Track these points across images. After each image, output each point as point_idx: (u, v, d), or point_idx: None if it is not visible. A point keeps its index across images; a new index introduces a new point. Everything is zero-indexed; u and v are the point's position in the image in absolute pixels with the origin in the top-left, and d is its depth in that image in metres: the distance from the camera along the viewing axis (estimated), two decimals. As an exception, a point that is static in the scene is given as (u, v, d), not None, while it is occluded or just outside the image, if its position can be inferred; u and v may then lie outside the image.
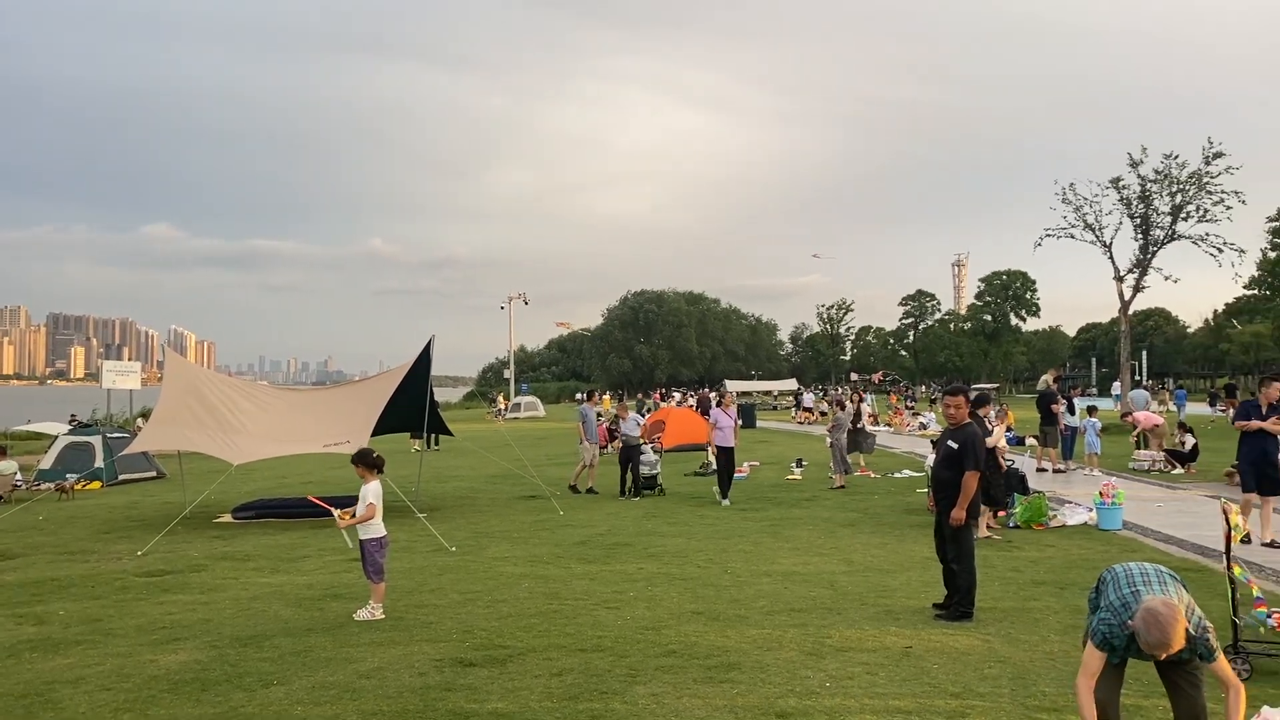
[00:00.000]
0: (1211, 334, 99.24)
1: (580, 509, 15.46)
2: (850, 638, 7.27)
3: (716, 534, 12.57)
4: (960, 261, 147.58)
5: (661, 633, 7.51)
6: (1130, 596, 4.13)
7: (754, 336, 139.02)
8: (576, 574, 10.04)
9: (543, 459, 26.03)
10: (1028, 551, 10.96)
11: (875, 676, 6.28)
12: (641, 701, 5.86)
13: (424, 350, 15.27)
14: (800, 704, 5.75)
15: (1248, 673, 6.11)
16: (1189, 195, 32.66)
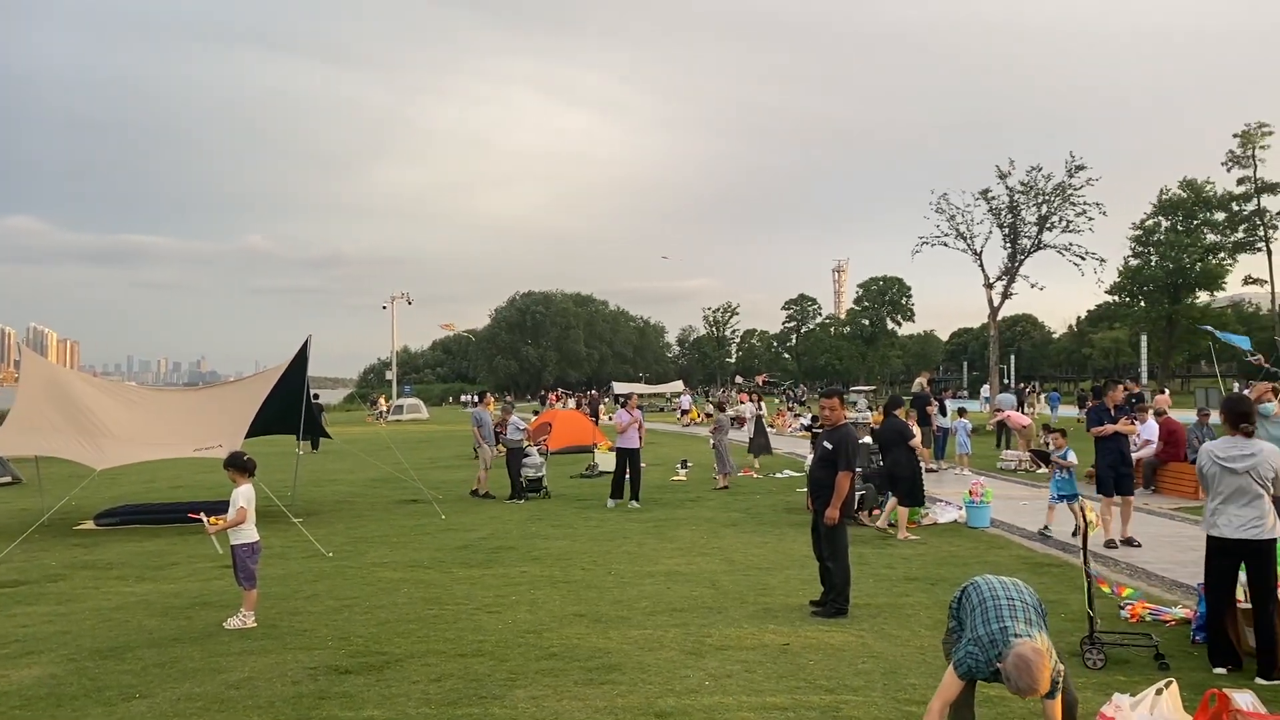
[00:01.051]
0: (1075, 339, 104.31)
1: (463, 513, 15.28)
2: (730, 636, 7.37)
3: (601, 536, 12.59)
4: (841, 267, 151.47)
5: (543, 636, 7.47)
6: (999, 634, 4.21)
7: (642, 339, 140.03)
8: (458, 578, 9.92)
9: (425, 462, 25.65)
10: (901, 549, 11.30)
11: (753, 674, 6.38)
12: (521, 705, 5.82)
13: (300, 350, 14.86)
14: (679, 703, 5.80)
15: (1102, 662, 6.42)
16: (1054, 206, 34.27)
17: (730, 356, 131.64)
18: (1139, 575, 9.60)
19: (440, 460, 26.85)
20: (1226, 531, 6.39)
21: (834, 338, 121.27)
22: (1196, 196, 50.30)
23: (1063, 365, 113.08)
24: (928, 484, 17.86)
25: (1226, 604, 6.48)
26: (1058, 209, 34.25)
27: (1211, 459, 6.55)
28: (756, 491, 17.60)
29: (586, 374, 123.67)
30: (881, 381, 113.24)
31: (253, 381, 15.71)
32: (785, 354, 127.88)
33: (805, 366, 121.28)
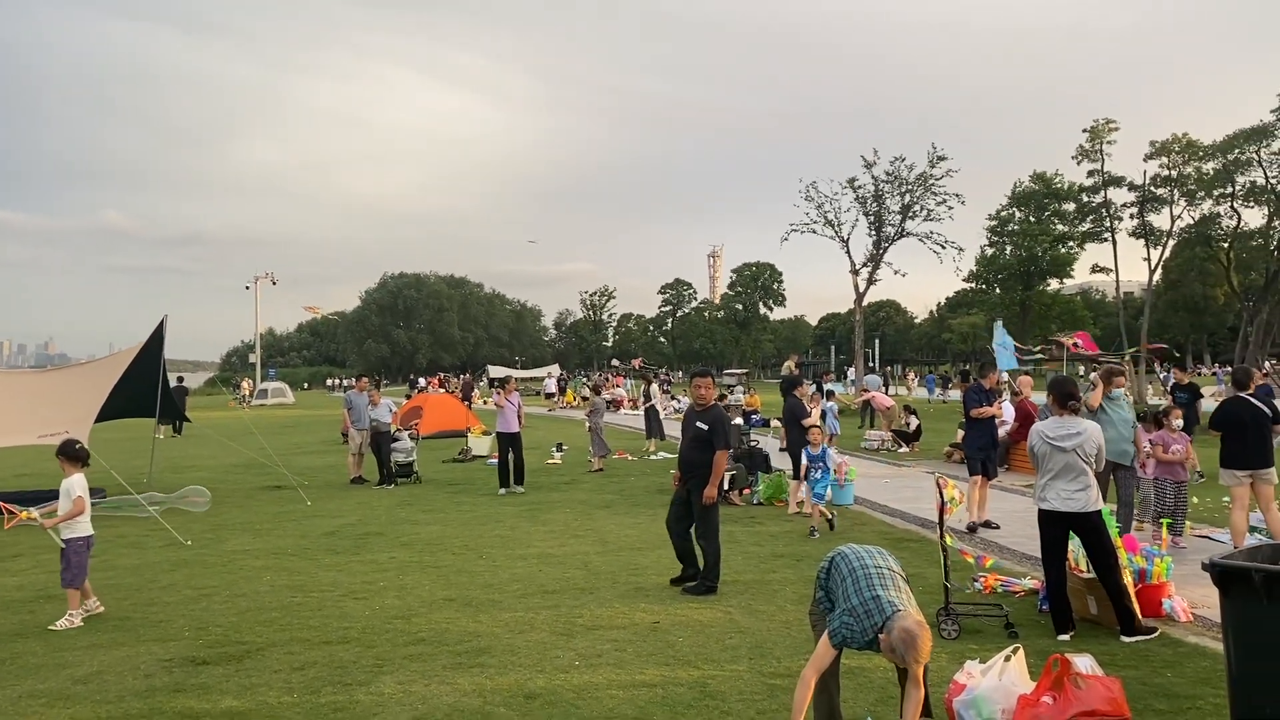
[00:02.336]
0: (935, 324, 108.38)
1: (330, 499, 14.91)
2: (601, 616, 7.41)
3: (473, 520, 12.47)
4: (715, 253, 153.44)
5: (412, 621, 7.36)
6: (873, 602, 4.34)
7: (518, 322, 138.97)
8: (323, 565, 9.67)
9: (290, 448, 24.92)
10: (769, 526, 11.55)
11: (623, 652, 6.43)
12: (388, 691, 5.73)
13: (156, 331, 14.21)
14: (549, 683, 5.81)
15: (956, 632, 6.70)
16: (916, 196, 35.43)
17: (607, 340, 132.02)
18: (991, 549, 10.05)
19: (306, 446, 26.12)
20: (1056, 505, 6.79)
21: (709, 322, 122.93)
22: (1048, 188, 52.79)
23: (924, 349, 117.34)
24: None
25: (1062, 573, 6.87)
26: (920, 198, 35.45)
27: (1041, 438, 6.93)
28: (631, 473, 17.72)
29: (461, 357, 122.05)
30: (754, 365, 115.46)
31: (104, 364, 14.95)
32: (661, 338, 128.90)
33: (681, 350, 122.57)
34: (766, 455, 15.49)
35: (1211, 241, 35.64)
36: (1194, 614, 7.13)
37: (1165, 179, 37.61)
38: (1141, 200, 39.57)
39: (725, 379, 60.97)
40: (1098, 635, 6.68)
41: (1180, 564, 8.21)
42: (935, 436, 21.78)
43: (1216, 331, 77.12)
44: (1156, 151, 37.81)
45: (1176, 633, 6.78)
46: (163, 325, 14.25)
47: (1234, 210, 32.90)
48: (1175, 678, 5.79)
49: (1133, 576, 7.02)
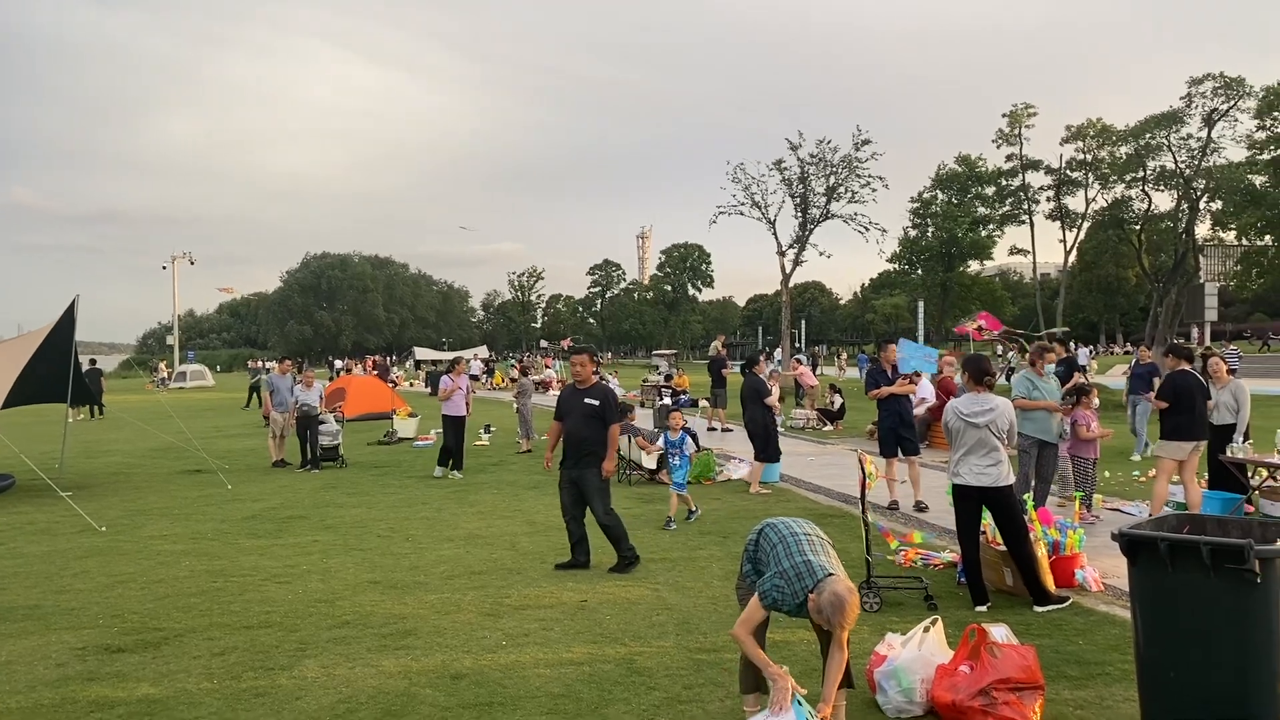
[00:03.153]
0: (859, 305, 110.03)
1: (252, 482, 14.61)
2: (528, 596, 7.40)
3: (399, 503, 12.33)
4: (644, 234, 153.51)
5: (336, 605, 7.26)
6: (803, 566, 4.40)
7: (445, 303, 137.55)
8: (244, 550, 9.49)
9: (210, 431, 24.37)
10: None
11: (551, 631, 6.44)
12: (310, 675, 5.65)
13: (67, 311, 13.73)
14: (476, 663, 5.78)
15: (878, 605, 6.84)
16: (841, 178, 35.85)
17: (536, 321, 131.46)
18: (912, 523, 10.27)
19: (227, 429, 25.57)
20: (969, 479, 6.95)
21: (638, 303, 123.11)
22: (970, 171, 53.90)
23: (849, 330, 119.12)
24: (724, 442, 18.50)
25: (976, 546, 7.06)
26: (844, 180, 35.88)
27: (956, 414, 7.09)
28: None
29: (386, 339, 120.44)
30: (683, 346, 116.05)
31: (11, 346, 14.40)
32: (591, 319, 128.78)
33: (610, 331, 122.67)
34: (694, 434, 15.57)
35: (1124, 224, 36.76)
36: (1104, 583, 7.38)
37: (1080, 163, 38.71)
38: (1058, 183, 40.69)
39: (654, 359, 61.19)
40: (1014, 606, 6.88)
41: (1092, 536, 8.48)
42: (859, 415, 22.14)
43: (1128, 312, 79.56)
44: (1072, 136, 38.88)
45: (1088, 602, 7.01)
46: (74, 306, 13.77)
47: (1145, 193, 33.98)
48: (1086, 645, 5.99)
49: (1046, 548, 7.24)
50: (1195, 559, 3.85)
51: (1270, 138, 32.35)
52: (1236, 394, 10.30)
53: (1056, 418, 9.92)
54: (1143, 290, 53.58)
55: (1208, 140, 31.42)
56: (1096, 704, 5.01)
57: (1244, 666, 3.81)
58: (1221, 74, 31.14)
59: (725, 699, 5.08)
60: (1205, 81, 31.26)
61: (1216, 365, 10.58)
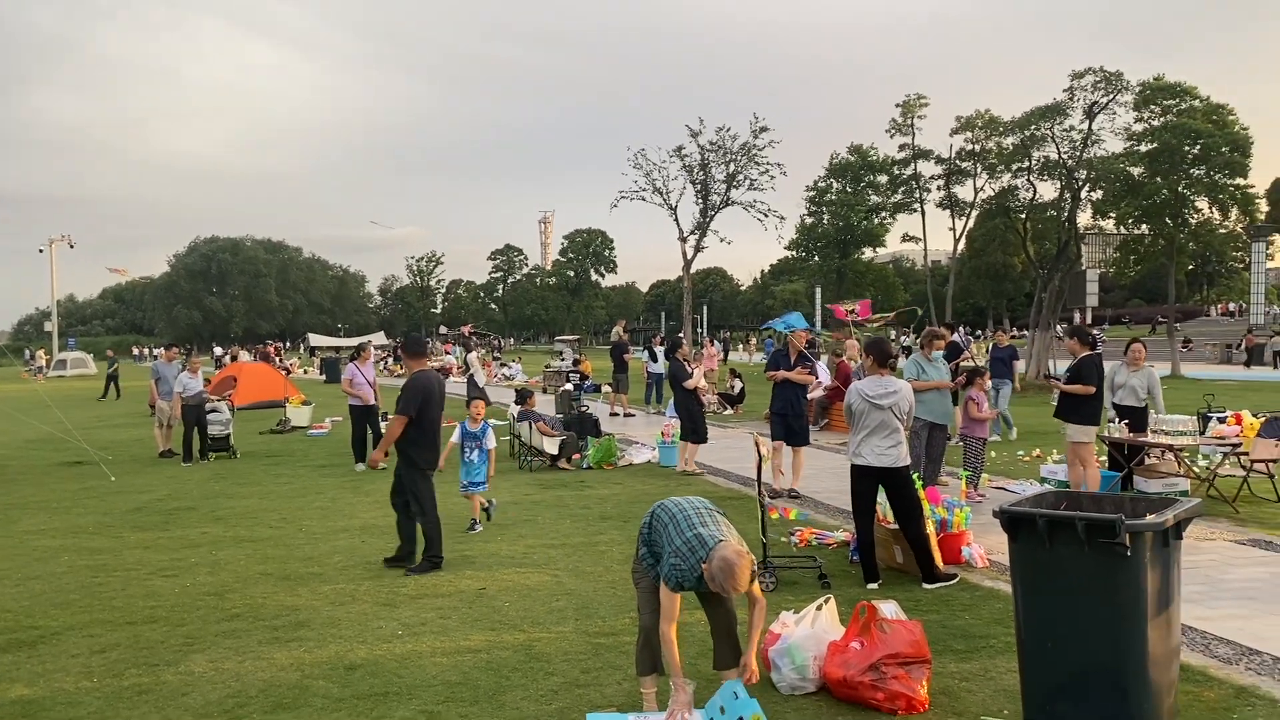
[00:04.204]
0: (759, 291, 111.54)
1: (137, 474, 14.10)
2: (426, 585, 7.31)
3: (292, 493, 12.05)
4: (547, 219, 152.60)
5: (225, 598, 7.07)
6: (695, 540, 4.43)
7: (341, 289, 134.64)
8: (129, 543, 9.14)
9: (92, 421, 23.43)
10: (598, 490, 11.66)
11: (448, 620, 6.38)
12: (198, 670, 5.48)
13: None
14: (371, 654, 5.70)
15: (774, 584, 6.96)
16: (740, 165, 36.18)
17: (436, 307, 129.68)
18: (807, 504, 10.48)
19: (110, 419, 24.61)
20: (870, 460, 7.12)
21: (540, 288, 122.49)
22: (863, 160, 55.03)
23: (749, 315, 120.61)
24: (625, 427, 18.57)
25: (871, 525, 7.25)
26: (744, 167, 36.23)
27: (861, 396, 7.24)
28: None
29: (280, 325, 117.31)
30: (586, 332, 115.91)
31: None
32: (493, 305, 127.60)
33: (512, 317, 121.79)
34: (596, 420, 15.62)
35: (1010, 212, 37.95)
36: (990, 560, 7.65)
37: (969, 153, 39.87)
38: (948, 173, 41.85)
39: (557, 345, 61.01)
40: (903, 582, 7.08)
41: (978, 514, 8.78)
42: (759, 399, 22.42)
43: (1015, 297, 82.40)
44: (962, 126, 39.98)
45: (974, 578, 7.25)
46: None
47: (1030, 183, 35.09)
48: (972, 619, 6.21)
49: (934, 526, 7.46)
50: (1071, 534, 4.02)
51: (1147, 130, 33.80)
52: (1149, 379, 10.75)
53: (948, 400, 10.21)
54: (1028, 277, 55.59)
55: (1089, 132, 32.63)
56: (981, 676, 5.19)
57: (1116, 636, 3.99)
58: (1101, 68, 32.32)
59: (623, 681, 5.11)
60: (1086, 75, 32.40)
61: (1139, 350, 10.94)
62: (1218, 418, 11.55)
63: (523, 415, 14.10)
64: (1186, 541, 7.46)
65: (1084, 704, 4.04)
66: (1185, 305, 74.94)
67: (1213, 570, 7.38)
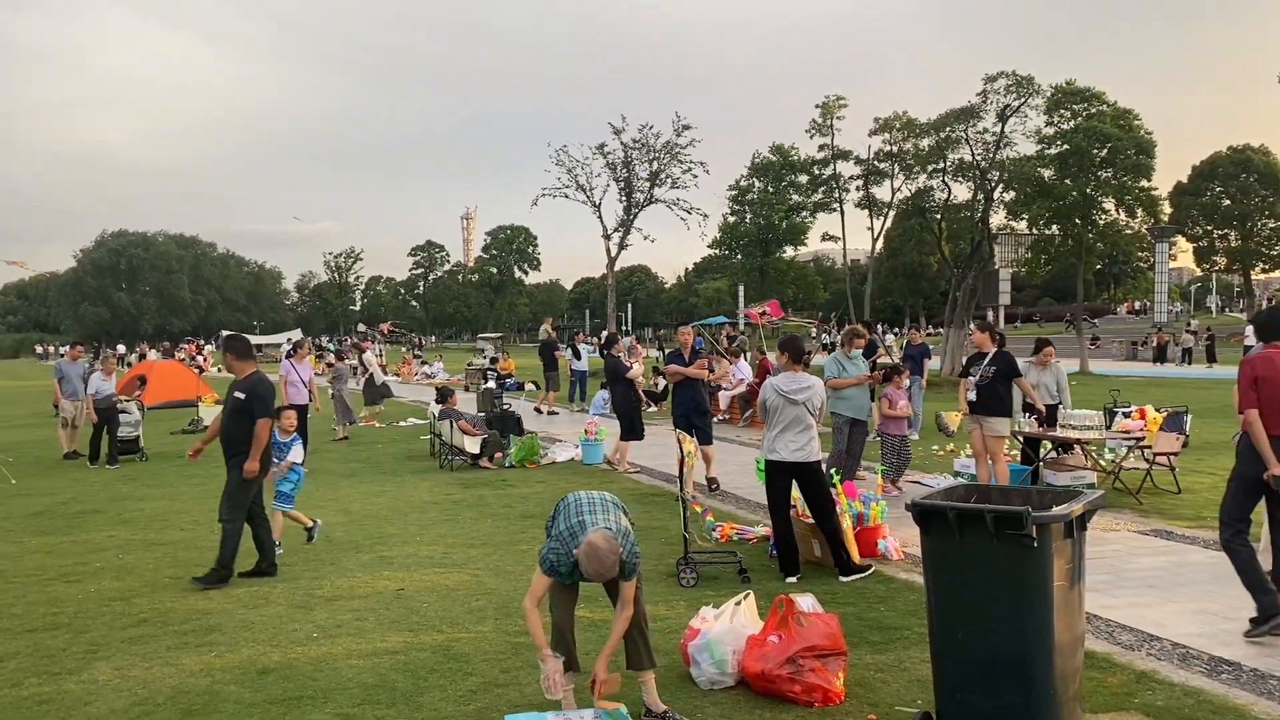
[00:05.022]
0: (683, 289, 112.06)
1: (40, 476, 13.60)
2: (342, 586, 7.19)
3: (205, 494, 11.71)
4: (469, 215, 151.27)
5: (132, 603, 6.85)
6: (577, 526, 4.46)
7: (256, 285, 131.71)
8: (29, 549, 8.81)
9: (-6, 422, 22.51)
10: (520, 488, 11.58)
11: (365, 621, 6.27)
12: (103, 678, 5.30)
13: None
14: (285, 657, 5.57)
15: (694, 580, 7.00)
16: (663, 163, 36.35)
17: (354, 304, 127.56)
18: (729, 500, 10.56)
19: (12, 418, 23.70)
20: (784, 455, 7.21)
21: (462, 285, 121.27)
22: (784, 160, 55.57)
23: (673, 313, 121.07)
24: (550, 425, 18.50)
25: (788, 520, 7.34)
26: (667, 166, 36.41)
27: (775, 392, 7.33)
28: (378, 441, 17.28)
29: (192, 323, 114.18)
30: (509, 330, 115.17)
31: None
32: (413, 302, 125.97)
33: (434, 314, 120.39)
34: (519, 418, 15.52)
35: (926, 213, 38.74)
36: (905, 552, 7.80)
37: (887, 154, 40.54)
38: (866, 173, 42.47)
39: (479, 343, 60.55)
40: (821, 576, 7.18)
41: (894, 507, 8.94)
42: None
43: (931, 296, 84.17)
44: (880, 128, 40.62)
45: (889, 570, 7.39)
46: None
47: (945, 184, 35.87)
48: (887, 611, 6.32)
49: (851, 520, 7.58)
50: (980, 526, 4.11)
51: (1057, 133, 34.80)
52: (1058, 377, 11.17)
53: (867, 396, 10.34)
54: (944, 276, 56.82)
55: (1001, 134, 33.47)
56: (895, 666, 5.29)
57: (1023, 625, 4.09)
58: (1014, 72, 33.20)
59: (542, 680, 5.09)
60: (999, 79, 33.24)
61: (1050, 352, 11.30)
62: (1123, 412, 11.93)
63: (443, 414, 13.95)
64: (1092, 532, 7.70)
65: (992, 692, 4.14)
66: (1093, 304, 77.48)
67: (1117, 560, 7.63)
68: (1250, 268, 68.52)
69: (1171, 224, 50.35)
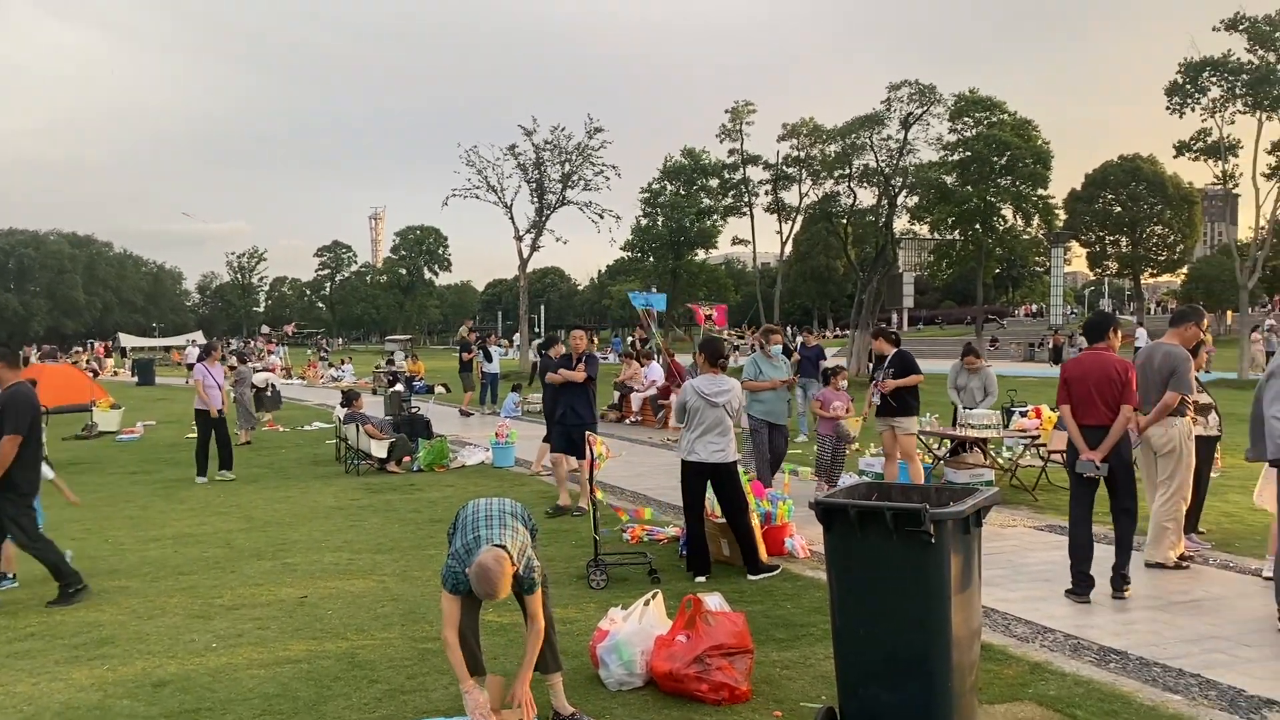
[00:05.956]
0: (597, 291, 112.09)
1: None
2: (243, 595, 7.00)
3: (99, 501, 11.31)
4: (378, 215, 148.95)
5: (19, 617, 6.57)
6: (473, 543, 4.37)
7: (155, 286, 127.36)
8: (-94, 561, 8.37)
9: None
10: (428, 493, 11.44)
11: (267, 630, 6.12)
12: (-15, 696, 5.08)
13: None
14: (182, 668, 5.41)
15: (604, 582, 7.00)
16: (575, 165, 36.32)
17: (259, 306, 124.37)
18: (640, 500, 10.60)
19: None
20: (703, 456, 7.28)
21: (370, 286, 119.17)
22: (695, 164, 55.99)
23: (586, 315, 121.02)
24: (464, 428, 18.32)
25: (701, 519, 7.40)
26: (579, 167, 36.39)
27: (697, 394, 7.38)
28: (282, 446, 16.89)
29: (86, 324, 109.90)
30: (419, 332, 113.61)
31: None
32: (320, 303, 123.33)
33: (341, 316, 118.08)
34: (428, 421, 15.33)
35: (832, 217, 39.49)
36: (811, 550, 7.93)
37: (795, 159, 41.18)
38: (775, 178, 43.09)
39: (388, 345, 59.63)
40: (730, 575, 7.25)
41: (802, 506, 9.06)
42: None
43: (838, 299, 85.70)
44: (788, 134, 41.26)
45: (796, 568, 7.50)
46: None
47: (851, 189, 36.64)
48: (794, 608, 6.42)
49: (759, 519, 7.68)
50: (880, 523, 4.20)
51: (959, 141, 35.83)
52: (985, 381, 11.45)
53: (783, 401, 10.19)
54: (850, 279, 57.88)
55: (904, 141, 34.32)
56: (801, 663, 5.38)
57: (923, 620, 4.19)
58: (917, 80, 34.10)
59: (449, 685, 5.03)
60: (903, 87, 34.08)
61: (971, 360, 11.57)
62: (1019, 412, 12.32)
63: (349, 417, 13.69)
64: (990, 528, 7.96)
65: (893, 686, 4.24)
66: (993, 306, 79.86)
67: (1014, 555, 7.88)
68: (1140, 272, 71.41)
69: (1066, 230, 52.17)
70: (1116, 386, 6.52)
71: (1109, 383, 6.55)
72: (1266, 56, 28.91)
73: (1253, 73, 29.13)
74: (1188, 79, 30.88)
